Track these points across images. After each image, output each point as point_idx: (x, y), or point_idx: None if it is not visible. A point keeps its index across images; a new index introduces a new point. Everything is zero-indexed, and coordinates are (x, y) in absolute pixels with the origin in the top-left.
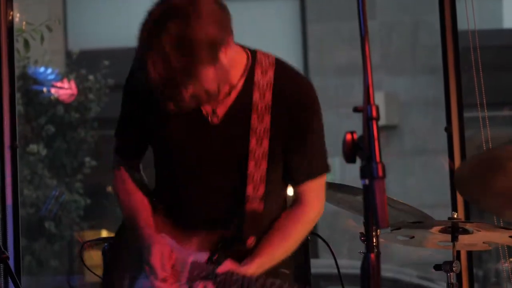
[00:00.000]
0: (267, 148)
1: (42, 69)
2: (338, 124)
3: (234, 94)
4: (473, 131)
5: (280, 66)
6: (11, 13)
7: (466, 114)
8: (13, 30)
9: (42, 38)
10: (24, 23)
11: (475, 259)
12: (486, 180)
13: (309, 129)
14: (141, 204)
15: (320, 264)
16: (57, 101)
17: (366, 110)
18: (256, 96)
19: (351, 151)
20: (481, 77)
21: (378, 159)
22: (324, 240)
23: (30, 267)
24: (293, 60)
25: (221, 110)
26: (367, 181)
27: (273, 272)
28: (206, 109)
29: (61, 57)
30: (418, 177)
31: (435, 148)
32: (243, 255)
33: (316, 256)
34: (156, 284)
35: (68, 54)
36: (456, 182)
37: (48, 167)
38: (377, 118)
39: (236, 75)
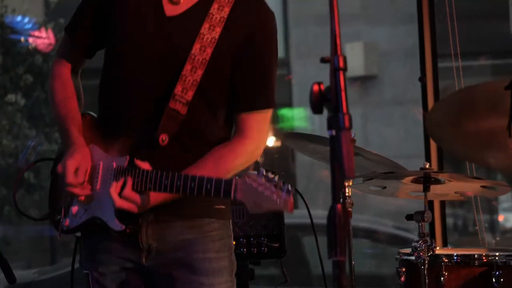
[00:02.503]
0: (208, 57)
1: (19, 18)
2: (318, 73)
3: (193, 0)
4: (450, 81)
5: None
6: None
7: (442, 64)
8: None
9: None
10: None
11: (452, 209)
12: (458, 122)
13: (260, 54)
14: (74, 106)
15: (297, 215)
16: (35, 51)
17: (333, 61)
18: (214, 7)
19: (318, 102)
20: (455, 27)
21: (344, 110)
22: (296, 190)
23: (10, 216)
24: (273, 9)
25: (181, 6)
26: (333, 132)
27: (208, 208)
28: None
29: (39, 6)
30: (397, 127)
31: (414, 98)
32: (159, 156)
33: (295, 207)
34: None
35: (46, 3)
36: (427, 126)
37: (27, 117)
38: (344, 69)
39: None
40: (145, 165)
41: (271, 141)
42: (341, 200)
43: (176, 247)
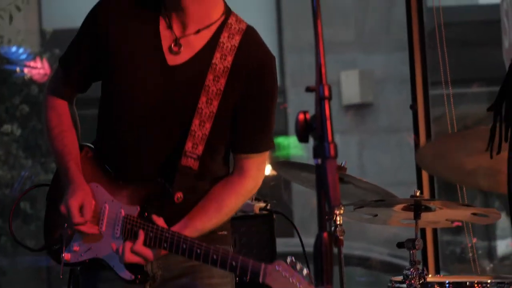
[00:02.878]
0: (215, 110)
1: (14, 49)
2: (313, 102)
3: (197, 45)
4: (444, 108)
5: (249, 34)
6: None
7: (436, 92)
8: None
9: (11, 18)
10: None
11: (452, 236)
12: (448, 158)
13: (262, 101)
14: (72, 140)
15: (290, 243)
16: (31, 81)
17: (318, 90)
18: (217, 56)
19: (303, 131)
20: (446, 54)
21: (330, 138)
22: (287, 218)
23: (6, 247)
24: (268, 37)
25: (182, 56)
26: (319, 161)
27: (210, 235)
28: (170, 42)
29: (35, 37)
30: (393, 154)
31: (409, 125)
32: (173, 213)
33: (292, 235)
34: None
35: (42, 33)
36: (418, 161)
37: (23, 147)
38: (329, 98)
39: (208, 17)
40: (160, 222)
41: (268, 170)
42: (331, 228)
43: (181, 273)
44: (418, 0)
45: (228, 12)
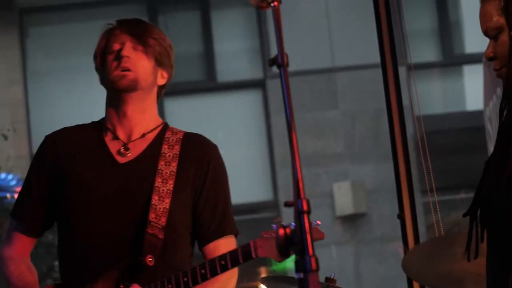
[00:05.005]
0: (172, 188)
1: (3, 176)
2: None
3: (145, 144)
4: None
5: (189, 133)
6: None
7: (426, 200)
8: None
9: None
10: None
11: None
12: (436, 267)
13: (215, 185)
14: (32, 280)
15: None
16: None
17: (296, 204)
18: (165, 147)
19: (284, 246)
20: (429, 162)
21: (310, 252)
22: None
23: None
24: (260, 153)
25: (132, 154)
26: (301, 275)
27: None
28: (119, 147)
29: (26, 162)
30: (389, 264)
31: None
32: (147, 278)
33: None
34: None
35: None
36: (404, 268)
37: None
38: (308, 212)
39: (150, 123)
40: (135, 287)
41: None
42: None
43: None
44: (400, 111)
45: (165, 124)
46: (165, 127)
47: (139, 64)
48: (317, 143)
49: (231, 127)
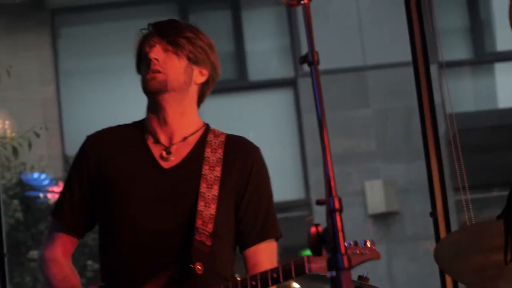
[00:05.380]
0: (217, 193)
1: (36, 175)
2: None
3: (188, 148)
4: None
5: (232, 135)
6: None
7: (459, 198)
8: None
9: (30, 145)
10: (9, 130)
11: None
12: (466, 256)
13: (256, 188)
14: (76, 283)
15: None
16: None
17: (328, 202)
18: (208, 151)
19: (316, 244)
20: (461, 160)
21: (343, 250)
22: None
23: None
24: (292, 152)
25: (176, 158)
26: (334, 273)
27: None
28: (161, 151)
29: (58, 162)
30: (422, 262)
31: None
32: (193, 283)
33: None
34: None
35: (65, 158)
36: (436, 259)
37: None
38: (340, 210)
39: (191, 126)
40: None
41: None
42: None
43: None
44: (432, 110)
45: (206, 126)
46: (207, 129)
47: (169, 65)
48: (349, 142)
49: (263, 126)
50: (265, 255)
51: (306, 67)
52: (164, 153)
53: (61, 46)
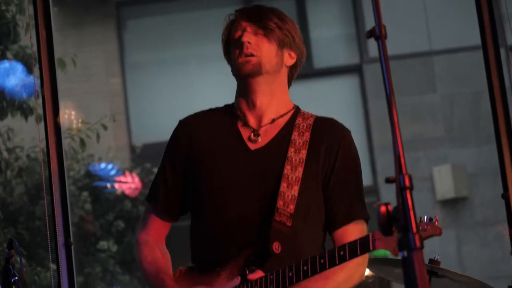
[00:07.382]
0: (300, 175)
1: (103, 165)
2: None
3: (275, 130)
4: None
5: (321, 118)
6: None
7: None
8: (60, 130)
9: (98, 137)
10: (78, 121)
11: None
12: None
13: (345, 170)
14: (165, 265)
15: None
16: (124, 196)
17: (398, 180)
18: (295, 134)
19: (387, 223)
20: None
21: (414, 229)
22: None
23: None
24: (358, 138)
25: (263, 140)
26: (405, 253)
27: None
28: (249, 133)
29: (125, 153)
30: (493, 248)
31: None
32: (273, 265)
33: None
34: None
35: (132, 148)
36: None
37: (120, 263)
38: (411, 188)
39: (280, 108)
40: (257, 274)
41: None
42: None
43: None
44: (502, 93)
45: (296, 108)
46: (296, 111)
47: (262, 48)
48: (416, 127)
49: (329, 112)
50: (353, 236)
51: (371, 53)
52: (252, 135)
53: (126, 38)
